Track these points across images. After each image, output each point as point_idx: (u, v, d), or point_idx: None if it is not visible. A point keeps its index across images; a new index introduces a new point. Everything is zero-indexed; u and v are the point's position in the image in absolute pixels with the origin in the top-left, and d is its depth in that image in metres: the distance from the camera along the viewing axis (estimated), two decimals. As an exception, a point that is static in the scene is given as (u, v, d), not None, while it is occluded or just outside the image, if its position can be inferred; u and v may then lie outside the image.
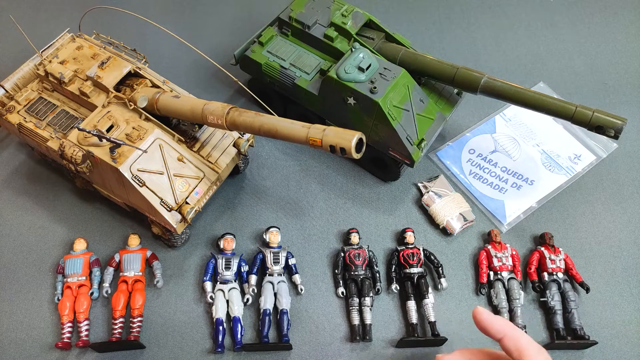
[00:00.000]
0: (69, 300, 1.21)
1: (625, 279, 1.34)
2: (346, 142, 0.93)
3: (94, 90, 1.24)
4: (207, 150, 1.27)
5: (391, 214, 1.43)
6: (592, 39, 1.84)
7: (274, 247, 1.31)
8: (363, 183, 1.48)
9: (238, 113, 1.08)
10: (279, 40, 1.44)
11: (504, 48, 1.80)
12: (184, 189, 1.19)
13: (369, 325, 1.23)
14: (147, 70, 1.32)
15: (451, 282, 1.32)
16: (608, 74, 1.75)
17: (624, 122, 1.16)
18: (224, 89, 1.64)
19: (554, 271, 1.30)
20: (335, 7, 1.42)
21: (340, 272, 1.30)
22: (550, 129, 1.60)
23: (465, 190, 1.48)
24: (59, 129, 1.24)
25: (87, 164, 1.15)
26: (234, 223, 1.39)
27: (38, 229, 1.36)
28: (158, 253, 1.32)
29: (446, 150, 1.55)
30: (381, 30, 1.43)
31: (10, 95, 1.30)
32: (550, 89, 1.70)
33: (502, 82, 1.27)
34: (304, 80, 1.37)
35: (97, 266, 1.28)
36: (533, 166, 1.53)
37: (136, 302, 1.22)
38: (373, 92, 1.22)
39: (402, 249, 1.32)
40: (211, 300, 1.24)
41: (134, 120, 1.19)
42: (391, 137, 1.27)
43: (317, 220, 1.41)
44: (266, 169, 1.49)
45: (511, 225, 1.42)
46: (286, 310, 1.23)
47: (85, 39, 1.35)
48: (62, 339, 1.18)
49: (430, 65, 1.34)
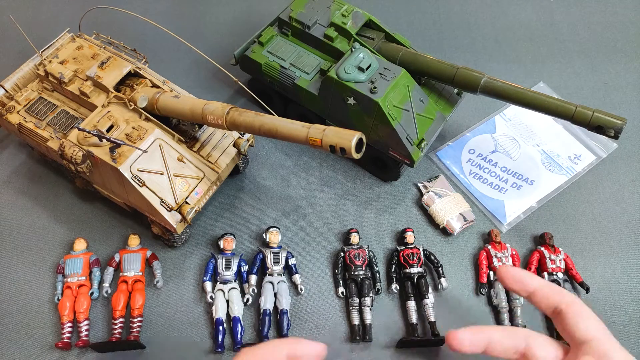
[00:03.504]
0: (69, 300, 1.21)
1: (625, 279, 1.34)
2: (346, 142, 0.93)
3: (94, 90, 1.24)
4: (207, 150, 1.27)
5: (391, 214, 1.43)
6: (592, 39, 1.84)
7: (274, 247, 1.31)
8: (363, 183, 1.48)
9: (238, 113, 1.08)
10: (279, 40, 1.44)
11: (504, 48, 1.80)
12: (184, 189, 1.19)
13: (369, 325, 1.23)
14: (147, 70, 1.32)
15: (451, 282, 1.32)
16: (608, 74, 1.75)
17: (624, 122, 1.16)
18: (224, 89, 1.64)
19: (554, 271, 1.30)
20: (335, 7, 1.42)
21: (340, 272, 1.30)
22: (550, 129, 1.60)
23: (465, 190, 1.48)
24: (59, 129, 1.24)
25: (87, 164, 1.15)
26: (234, 223, 1.39)
27: (38, 229, 1.36)
28: (158, 253, 1.32)
29: (446, 150, 1.55)
30: (381, 30, 1.43)
31: (10, 95, 1.29)
32: (550, 89, 1.70)
33: (502, 82, 1.27)
34: (304, 80, 1.37)
35: (97, 266, 1.28)
36: (533, 166, 1.53)
37: (136, 302, 1.22)
38: (373, 92, 1.22)
39: (402, 249, 1.32)
40: (211, 300, 1.24)
41: (134, 120, 1.19)
42: (391, 137, 1.27)
43: (317, 220, 1.41)
44: (266, 169, 1.49)
45: (511, 225, 1.42)
46: (286, 310, 1.23)
47: (85, 39, 1.35)
48: (62, 339, 1.18)
49: (430, 65, 1.34)
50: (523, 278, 0.73)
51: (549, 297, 0.71)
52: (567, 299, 0.71)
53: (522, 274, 0.73)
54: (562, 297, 0.71)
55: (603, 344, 0.67)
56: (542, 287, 0.72)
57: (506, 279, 0.74)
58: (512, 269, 0.74)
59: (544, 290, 0.72)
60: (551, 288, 0.72)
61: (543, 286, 0.72)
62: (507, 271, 0.74)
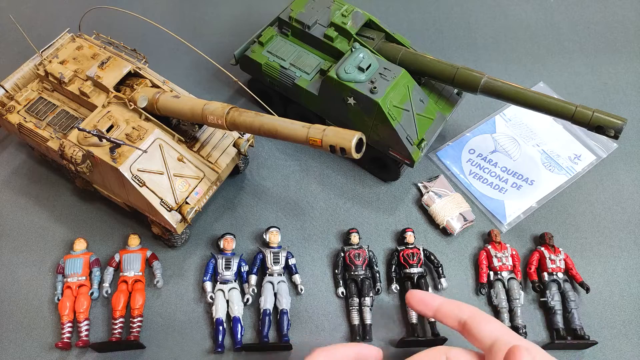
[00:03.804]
0: (69, 300, 1.21)
1: (625, 279, 1.34)
2: (346, 142, 0.93)
3: (94, 90, 1.24)
4: (207, 150, 1.27)
5: (391, 214, 1.43)
6: (592, 39, 1.84)
7: (274, 247, 1.31)
8: (363, 183, 1.48)
9: (238, 113, 1.08)
10: (279, 40, 1.44)
11: (504, 48, 1.80)
12: (184, 189, 1.19)
13: (369, 325, 1.23)
14: (147, 70, 1.32)
15: (451, 282, 1.32)
16: (608, 74, 1.75)
17: (624, 122, 1.16)
18: (224, 89, 1.64)
19: (554, 271, 1.30)
20: (335, 7, 1.42)
21: (340, 272, 1.30)
22: (550, 129, 1.60)
23: (465, 190, 1.48)
24: (59, 129, 1.24)
25: (87, 164, 1.15)
26: (234, 223, 1.39)
27: (38, 229, 1.36)
28: (158, 253, 1.32)
29: (446, 150, 1.55)
30: (381, 30, 1.43)
31: (10, 95, 1.30)
32: (550, 89, 1.70)
33: (502, 82, 1.27)
34: (304, 80, 1.37)
35: (97, 266, 1.28)
36: (533, 166, 1.53)
37: (136, 302, 1.22)
38: (373, 92, 1.22)
39: (402, 249, 1.32)
40: (211, 300, 1.24)
41: (134, 120, 1.19)
42: (391, 137, 1.27)
43: (317, 220, 1.41)
44: (266, 169, 1.49)
45: (511, 225, 1.42)
46: (286, 310, 1.23)
47: (85, 39, 1.35)
48: (62, 339, 1.18)
49: (430, 65, 1.34)
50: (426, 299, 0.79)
51: (452, 312, 0.77)
52: (467, 310, 0.76)
53: (425, 296, 0.80)
54: (463, 309, 0.76)
55: (508, 339, 0.70)
56: (444, 305, 0.78)
57: (413, 303, 0.80)
58: (417, 293, 0.81)
59: (446, 307, 0.77)
60: (452, 304, 0.77)
61: (444, 304, 0.78)
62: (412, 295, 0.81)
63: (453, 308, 0.77)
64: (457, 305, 0.77)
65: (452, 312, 0.77)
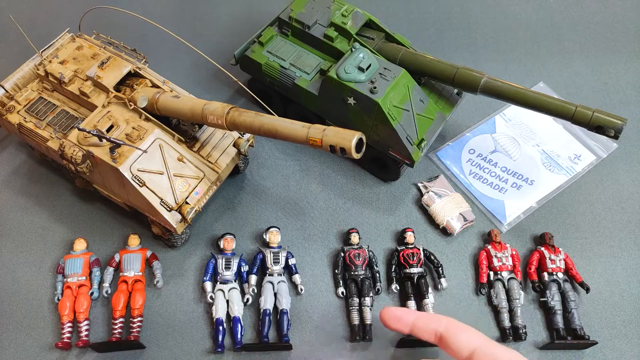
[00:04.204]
0: (69, 300, 1.21)
1: (625, 279, 1.34)
2: (346, 142, 0.93)
3: (94, 90, 1.24)
4: (207, 150, 1.27)
5: (391, 214, 1.43)
6: (592, 39, 1.84)
7: (274, 247, 1.31)
8: (363, 183, 1.48)
9: (238, 113, 1.08)
10: (279, 40, 1.44)
11: (504, 48, 1.80)
12: (184, 189, 1.19)
13: (369, 325, 1.23)
14: (147, 70, 1.32)
15: (451, 282, 1.32)
16: (608, 74, 1.75)
17: (624, 122, 1.16)
18: (224, 89, 1.64)
19: (554, 271, 1.30)
20: (335, 7, 1.42)
21: (340, 272, 1.30)
22: (550, 129, 1.60)
23: (465, 190, 1.48)
24: (59, 129, 1.24)
25: (87, 164, 1.15)
26: (234, 223, 1.39)
27: (38, 229, 1.36)
28: (158, 253, 1.32)
29: (446, 150, 1.55)
30: (381, 30, 1.43)
31: (10, 95, 1.29)
32: (550, 89, 1.70)
33: (502, 82, 1.27)
34: (304, 80, 1.37)
35: (97, 266, 1.28)
36: (533, 166, 1.53)
37: (136, 302, 1.22)
38: (373, 92, 1.22)
39: (402, 249, 1.32)
40: (211, 300, 1.24)
41: (134, 120, 1.19)
42: (391, 137, 1.27)
43: (317, 220, 1.41)
44: (266, 169, 1.49)
45: (511, 225, 1.42)
46: (286, 310, 1.23)
47: (85, 39, 1.36)
48: (62, 339, 1.18)
49: (430, 65, 1.34)
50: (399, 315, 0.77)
51: (427, 325, 0.75)
52: (443, 322, 0.74)
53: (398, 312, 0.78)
54: (439, 321, 0.75)
55: (487, 348, 0.69)
56: (419, 319, 0.76)
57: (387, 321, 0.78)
58: (390, 310, 0.78)
59: (421, 321, 0.76)
60: (427, 317, 0.76)
61: (419, 318, 0.76)
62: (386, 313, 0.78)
63: (428, 321, 0.75)
64: (432, 317, 0.75)
65: (427, 325, 0.75)
